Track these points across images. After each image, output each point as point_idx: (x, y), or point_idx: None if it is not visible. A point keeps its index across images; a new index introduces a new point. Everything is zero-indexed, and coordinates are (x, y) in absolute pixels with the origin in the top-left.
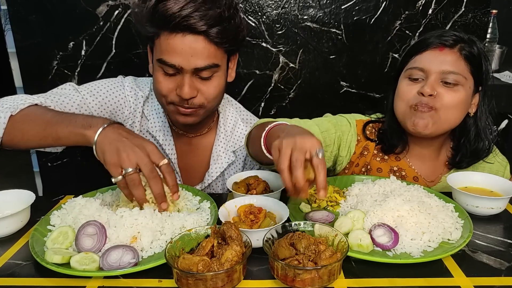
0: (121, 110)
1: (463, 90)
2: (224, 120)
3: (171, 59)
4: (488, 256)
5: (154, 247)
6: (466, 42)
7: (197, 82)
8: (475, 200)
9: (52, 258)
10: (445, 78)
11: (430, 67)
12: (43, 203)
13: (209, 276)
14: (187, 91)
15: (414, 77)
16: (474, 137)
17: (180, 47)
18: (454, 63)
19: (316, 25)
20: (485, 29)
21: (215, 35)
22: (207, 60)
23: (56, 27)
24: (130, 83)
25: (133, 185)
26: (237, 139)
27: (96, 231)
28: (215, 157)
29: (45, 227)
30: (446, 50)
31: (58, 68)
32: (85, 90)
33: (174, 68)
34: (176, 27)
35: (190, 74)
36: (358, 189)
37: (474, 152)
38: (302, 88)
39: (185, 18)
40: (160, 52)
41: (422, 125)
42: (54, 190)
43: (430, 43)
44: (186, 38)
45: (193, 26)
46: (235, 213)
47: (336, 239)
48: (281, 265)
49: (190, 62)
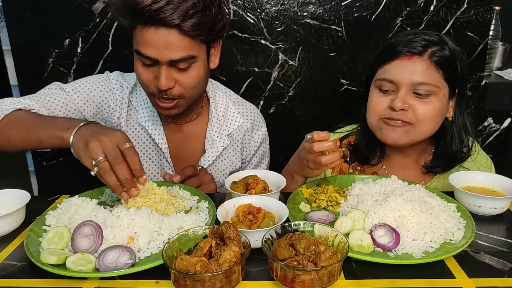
0: (106, 103)
1: (436, 100)
2: (215, 105)
3: (146, 51)
4: (491, 257)
5: (151, 247)
6: (437, 45)
7: (174, 73)
8: (478, 200)
9: (47, 259)
10: (416, 89)
11: (400, 79)
12: (39, 202)
13: (207, 277)
14: (163, 82)
15: (384, 89)
16: (453, 141)
17: (154, 40)
18: (424, 72)
19: (316, 22)
20: (488, 26)
21: (189, 28)
22: (182, 52)
23: (51, 24)
24: (115, 76)
25: (104, 173)
26: (230, 122)
27: (92, 231)
28: (210, 141)
29: (41, 227)
30: (415, 58)
31: (53, 66)
32: (70, 87)
33: (149, 59)
34: (148, 21)
35: (166, 65)
36: (359, 188)
37: (450, 156)
38: (302, 86)
39: (156, 12)
40: (136, 44)
41: (392, 138)
42: (49, 190)
43: (398, 51)
44: (159, 31)
45: (165, 20)
46: (233, 213)
47: (336, 240)
48: (280, 266)
49: (164, 54)
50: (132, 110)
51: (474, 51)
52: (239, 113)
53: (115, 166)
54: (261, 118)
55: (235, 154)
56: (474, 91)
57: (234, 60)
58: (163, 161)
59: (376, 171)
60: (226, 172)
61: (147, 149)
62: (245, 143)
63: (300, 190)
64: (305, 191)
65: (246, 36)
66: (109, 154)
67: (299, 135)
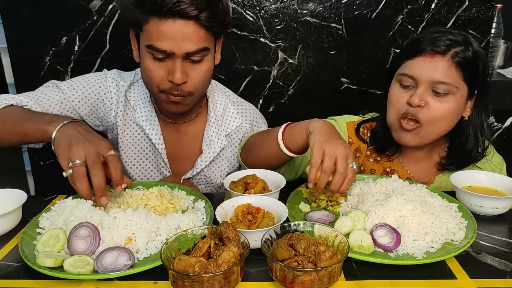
0: (102, 101)
1: (453, 100)
2: (214, 105)
3: (162, 44)
4: (493, 258)
5: (149, 248)
6: (461, 45)
7: (187, 67)
8: (480, 200)
9: (44, 261)
10: (435, 88)
11: (420, 76)
12: (35, 202)
13: (206, 278)
14: (179, 76)
15: (404, 84)
16: (468, 140)
17: (171, 32)
18: (445, 72)
19: (316, 19)
20: (490, 24)
21: (205, 19)
22: (198, 44)
23: (48, 22)
24: (112, 75)
25: (76, 177)
26: (229, 123)
27: (89, 233)
28: (207, 142)
29: (34, 230)
30: (438, 57)
31: (50, 64)
32: (66, 85)
33: (164, 53)
34: (168, 13)
35: (181, 58)
36: (359, 188)
37: (465, 155)
38: (302, 84)
39: (176, 4)
40: (150, 38)
41: (405, 141)
42: (46, 190)
43: (422, 49)
44: (176, 23)
45: (185, 11)
46: (232, 213)
47: (337, 240)
48: (279, 267)
49: (181, 46)
50: (129, 109)
51: None
52: (238, 113)
53: (92, 170)
54: (261, 118)
55: (233, 155)
56: None
57: (233, 58)
58: (160, 161)
59: (391, 158)
60: (224, 173)
61: (144, 149)
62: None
63: (300, 189)
64: (305, 190)
65: (245, 34)
66: (90, 158)
67: None
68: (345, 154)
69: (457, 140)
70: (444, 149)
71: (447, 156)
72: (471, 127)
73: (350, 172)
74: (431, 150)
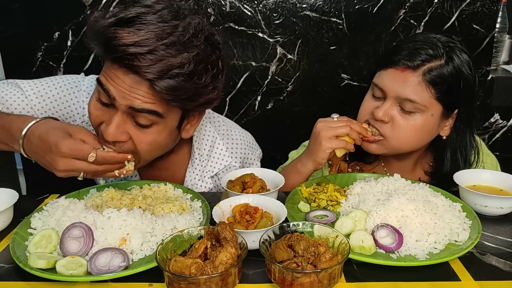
0: (71, 117)
1: (421, 119)
2: (199, 143)
3: (108, 85)
4: (498, 259)
5: (144, 249)
6: (440, 60)
7: (129, 126)
8: (484, 199)
9: (36, 263)
10: (402, 104)
11: (388, 89)
12: (27, 202)
13: (203, 280)
14: (111, 131)
15: (376, 95)
16: (445, 163)
17: (119, 82)
18: (413, 89)
19: (315, 14)
20: (494, 19)
21: (161, 89)
22: (146, 104)
23: (40, 16)
24: (89, 87)
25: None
26: (216, 161)
27: (82, 233)
28: (189, 185)
29: (26, 231)
30: (408, 72)
31: (42, 60)
32: (31, 89)
33: (107, 96)
34: (118, 61)
35: (123, 112)
36: (360, 187)
37: (444, 177)
38: (301, 80)
39: (129, 56)
40: (102, 73)
41: (371, 149)
42: (38, 189)
43: (394, 61)
44: (128, 77)
45: (136, 69)
46: (230, 213)
47: (337, 241)
48: (278, 268)
49: (125, 97)
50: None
51: (480, 45)
52: (227, 151)
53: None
54: (254, 152)
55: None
56: (480, 86)
57: (230, 54)
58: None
59: (375, 171)
60: None
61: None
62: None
63: (299, 189)
64: (305, 190)
65: (242, 28)
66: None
67: (298, 132)
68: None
69: (436, 159)
70: (428, 163)
71: (429, 173)
72: (448, 148)
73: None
74: (415, 163)
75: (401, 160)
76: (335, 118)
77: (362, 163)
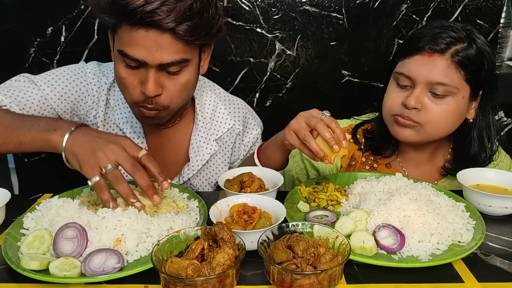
0: (83, 99)
1: (453, 102)
2: (202, 106)
3: (134, 52)
4: (502, 260)
5: (139, 250)
6: (464, 42)
7: (163, 78)
8: (488, 199)
9: (29, 264)
10: (433, 89)
11: (417, 76)
12: (19, 202)
13: (199, 282)
14: (151, 88)
15: (401, 84)
16: (472, 144)
17: (144, 42)
18: (444, 72)
19: (315, 9)
20: (499, 14)
21: (183, 33)
22: (174, 56)
23: (33, 11)
24: (93, 69)
25: (116, 181)
26: (219, 125)
27: (76, 234)
28: (195, 148)
29: (18, 231)
30: (436, 56)
31: (35, 56)
32: (42, 81)
33: (137, 61)
34: (138, 23)
35: (155, 69)
36: (361, 187)
37: (470, 160)
38: (300, 77)
39: (148, 14)
40: (122, 43)
41: (403, 136)
42: (31, 188)
43: (420, 47)
44: (150, 33)
45: (158, 23)
46: (227, 213)
47: (337, 241)
48: (277, 270)
49: (155, 57)
50: (109, 109)
51: None
52: (229, 114)
53: (136, 173)
54: (254, 118)
55: (223, 161)
56: None
57: (228, 49)
58: None
59: (390, 163)
60: (213, 182)
61: None
62: (235, 148)
63: (299, 188)
64: (304, 189)
65: (240, 24)
66: (126, 162)
67: None
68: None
69: (461, 144)
70: (448, 151)
71: (451, 160)
72: (475, 130)
73: (327, 120)
74: (433, 153)
75: (420, 151)
76: (327, 115)
77: (377, 155)
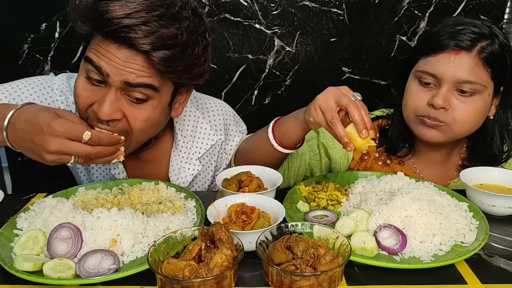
0: None
1: (479, 100)
2: (181, 123)
3: (99, 61)
4: (506, 261)
5: (135, 251)
6: (488, 38)
7: (124, 103)
8: (492, 199)
9: (22, 265)
10: (461, 87)
11: (444, 75)
12: (13, 201)
13: (197, 283)
14: (106, 109)
15: (425, 81)
16: (494, 141)
17: (112, 57)
18: (471, 70)
19: (315, 4)
20: (503, 9)
21: (158, 61)
22: (143, 78)
23: (26, 6)
24: (60, 86)
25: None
26: (201, 141)
27: (70, 234)
28: (176, 170)
29: (11, 231)
30: (463, 54)
31: (29, 52)
32: (3, 93)
33: (99, 73)
34: (111, 35)
35: (117, 89)
36: (362, 186)
37: (490, 157)
38: (300, 74)
39: (124, 29)
40: (89, 50)
41: (429, 137)
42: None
43: (445, 44)
44: (121, 51)
45: (132, 41)
46: (225, 213)
47: (337, 242)
48: (276, 271)
49: (120, 72)
50: None
51: None
52: (211, 128)
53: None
54: (236, 123)
55: (209, 178)
56: None
57: (225, 46)
58: None
59: (402, 160)
60: None
61: (100, 178)
62: (218, 158)
63: (298, 188)
64: (304, 189)
65: (238, 19)
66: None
67: None
68: (339, 92)
69: (481, 141)
70: (462, 149)
71: (467, 157)
72: (496, 126)
73: (358, 104)
74: (449, 153)
75: (436, 151)
76: (358, 98)
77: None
